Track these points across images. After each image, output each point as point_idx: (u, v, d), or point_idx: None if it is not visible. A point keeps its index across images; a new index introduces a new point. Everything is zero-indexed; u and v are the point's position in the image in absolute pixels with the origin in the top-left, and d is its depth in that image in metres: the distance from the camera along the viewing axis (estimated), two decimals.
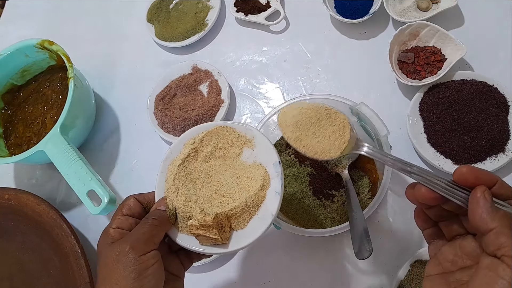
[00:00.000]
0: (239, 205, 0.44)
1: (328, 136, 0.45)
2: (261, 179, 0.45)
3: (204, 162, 0.48)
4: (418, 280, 0.54)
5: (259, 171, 0.46)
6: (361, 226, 0.50)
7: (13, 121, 0.78)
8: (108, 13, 0.92)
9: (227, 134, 0.48)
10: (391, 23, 0.73)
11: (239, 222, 0.44)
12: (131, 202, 0.44)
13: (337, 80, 0.72)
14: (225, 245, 0.44)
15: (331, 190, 0.60)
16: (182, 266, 0.46)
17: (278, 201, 0.44)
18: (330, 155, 0.44)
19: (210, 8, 0.82)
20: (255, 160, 0.47)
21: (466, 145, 0.58)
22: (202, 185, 0.47)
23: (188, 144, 0.48)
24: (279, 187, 0.45)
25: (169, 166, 0.48)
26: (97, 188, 0.62)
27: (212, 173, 0.47)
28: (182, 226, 0.45)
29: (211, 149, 0.48)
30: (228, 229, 0.44)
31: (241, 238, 0.44)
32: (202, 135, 0.48)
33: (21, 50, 0.75)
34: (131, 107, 0.81)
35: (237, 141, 0.48)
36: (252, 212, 0.44)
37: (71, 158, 0.64)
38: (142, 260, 0.38)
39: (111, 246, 0.40)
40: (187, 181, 0.47)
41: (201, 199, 0.45)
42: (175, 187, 0.46)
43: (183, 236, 0.44)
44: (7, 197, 0.70)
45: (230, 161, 0.48)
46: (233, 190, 0.46)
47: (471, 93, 0.61)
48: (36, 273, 0.68)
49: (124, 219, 0.43)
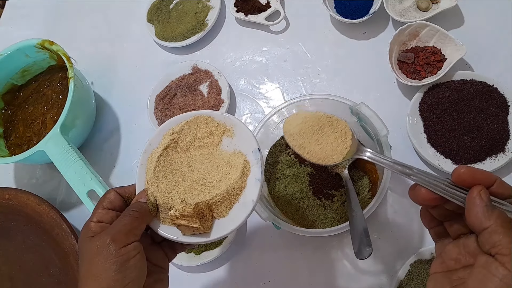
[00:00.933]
0: (220, 194, 0.44)
1: (330, 142, 0.47)
2: (241, 167, 0.45)
3: (183, 152, 0.48)
4: (418, 280, 0.54)
5: (239, 159, 0.46)
6: (361, 226, 0.50)
7: (13, 121, 0.78)
8: (108, 13, 0.92)
9: (206, 124, 0.48)
10: (391, 23, 0.73)
11: (220, 210, 0.44)
12: (112, 195, 0.44)
13: (337, 80, 0.72)
14: (207, 234, 0.44)
15: (331, 190, 0.60)
16: (166, 257, 0.46)
17: (259, 188, 0.44)
18: (333, 160, 0.47)
19: (210, 8, 0.82)
20: (234, 148, 0.47)
21: (466, 145, 0.58)
22: (183, 176, 0.46)
23: (167, 135, 0.48)
24: (259, 173, 0.45)
25: (148, 158, 0.47)
26: (97, 188, 0.62)
27: (192, 163, 0.47)
28: (164, 217, 0.44)
29: (190, 139, 0.48)
30: (210, 217, 0.44)
31: (223, 226, 0.44)
32: (181, 125, 0.48)
33: (22, 50, 0.75)
34: (131, 107, 0.81)
35: (216, 130, 0.48)
36: (233, 200, 0.45)
37: (71, 158, 0.64)
38: (123, 252, 0.38)
39: (92, 240, 0.39)
40: (167, 172, 0.46)
41: (181, 190, 0.45)
42: (155, 179, 0.45)
43: (165, 227, 0.44)
44: (8, 197, 0.70)
45: (210, 151, 0.48)
46: (214, 179, 0.45)
47: (471, 93, 0.61)
48: (36, 273, 0.68)
49: (105, 213, 0.42)
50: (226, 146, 0.47)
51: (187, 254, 0.64)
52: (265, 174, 0.63)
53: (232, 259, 0.64)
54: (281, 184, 0.62)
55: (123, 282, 0.37)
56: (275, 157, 0.64)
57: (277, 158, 0.64)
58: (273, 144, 0.65)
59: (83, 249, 0.40)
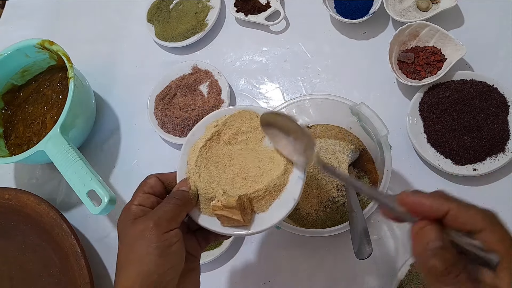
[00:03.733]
0: (261, 188, 0.44)
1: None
2: (283, 164, 0.45)
3: (226, 145, 0.48)
4: (418, 280, 0.54)
5: (281, 156, 0.45)
6: (361, 226, 0.50)
7: (13, 121, 0.78)
8: (108, 13, 0.92)
9: (250, 119, 0.48)
10: (391, 23, 0.73)
11: (261, 205, 0.44)
12: (153, 180, 0.44)
13: (337, 80, 0.72)
14: (247, 227, 0.44)
15: (331, 190, 0.60)
16: (199, 246, 0.46)
17: (301, 186, 0.44)
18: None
19: (210, 8, 0.82)
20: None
21: (466, 145, 0.58)
22: (224, 168, 0.46)
23: (210, 127, 0.48)
24: (302, 172, 0.44)
25: (191, 148, 0.47)
26: (97, 188, 0.62)
27: (234, 157, 0.47)
28: (204, 207, 0.45)
29: (233, 133, 0.48)
30: (250, 211, 0.44)
31: (262, 221, 0.44)
32: (225, 118, 0.48)
33: (21, 50, 0.75)
34: (131, 107, 0.81)
35: (260, 126, 0.47)
36: (274, 196, 0.44)
37: (71, 158, 0.64)
38: (165, 237, 0.38)
39: (134, 223, 0.39)
40: (209, 163, 0.46)
41: (223, 182, 0.45)
42: (197, 169, 0.46)
43: (205, 217, 0.44)
44: (7, 197, 0.70)
45: (252, 145, 0.47)
46: (255, 174, 0.45)
47: (471, 93, 0.61)
48: (36, 273, 0.68)
49: (146, 197, 0.42)
50: (269, 143, 0.47)
51: None
52: None
53: (232, 259, 0.64)
54: None
55: (164, 267, 0.37)
56: None
57: None
58: None
59: (123, 232, 0.40)
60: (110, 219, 0.72)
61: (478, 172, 0.58)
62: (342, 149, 0.61)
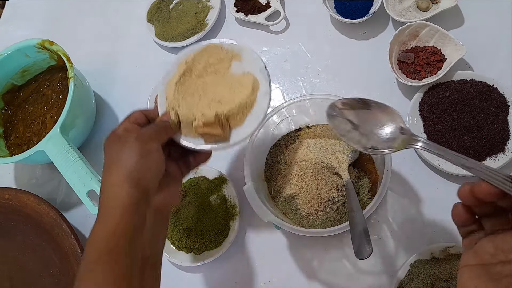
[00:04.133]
0: (234, 107, 0.50)
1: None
2: (251, 84, 0.51)
3: (198, 78, 0.53)
4: (418, 280, 0.54)
5: (248, 78, 0.52)
6: (361, 226, 0.50)
7: (13, 121, 0.78)
8: (108, 13, 0.92)
9: (216, 52, 0.54)
10: (391, 23, 0.73)
11: (236, 121, 0.51)
12: (138, 113, 0.49)
13: (337, 80, 0.72)
14: (227, 141, 0.51)
15: (331, 190, 0.60)
16: (180, 171, 0.51)
17: (268, 99, 0.51)
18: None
19: (210, 8, 0.82)
20: (243, 70, 0.53)
21: (466, 145, 0.58)
22: (200, 97, 0.52)
23: (181, 65, 0.54)
24: (267, 87, 0.51)
25: (166, 85, 0.53)
26: (97, 188, 0.62)
27: (207, 87, 0.53)
28: (186, 131, 0.51)
29: (203, 66, 0.54)
30: (228, 127, 0.51)
31: (239, 133, 0.50)
32: (193, 55, 0.54)
33: (21, 50, 0.75)
34: (131, 107, 0.79)
35: (226, 56, 0.54)
36: (246, 111, 0.51)
37: (71, 158, 0.64)
38: (146, 147, 0.44)
39: (119, 139, 0.45)
40: (186, 95, 0.52)
41: (200, 108, 0.51)
42: (176, 101, 0.51)
43: (187, 139, 0.51)
44: (7, 197, 0.70)
45: (221, 75, 0.53)
46: (228, 96, 0.51)
47: (471, 93, 0.61)
48: (36, 273, 0.68)
49: (131, 126, 0.47)
50: (236, 69, 0.53)
51: (187, 254, 0.64)
52: (264, 174, 0.64)
53: (232, 259, 0.64)
54: (281, 184, 0.62)
55: (144, 167, 0.43)
56: (275, 157, 0.64)
57: (277, 158, 0.64)
58: (273, 144, 0.65)
59: (109, 147, 0.45)
60: None
61: None
62: (342, 149, 0.61)
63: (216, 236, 0.63)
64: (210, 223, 0.64)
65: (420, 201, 0.61)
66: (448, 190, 0.60)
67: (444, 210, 0.59)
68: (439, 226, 0.59)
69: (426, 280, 0.53)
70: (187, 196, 0.67)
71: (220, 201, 0.66)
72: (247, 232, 0.65)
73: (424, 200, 0.60)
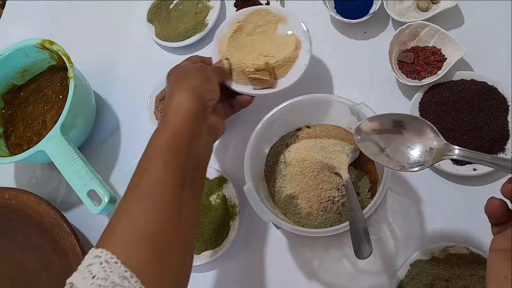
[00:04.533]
0: (280, 59, 0.60)
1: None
2: (294, 43, 0.62)
3: (248, 36, 0.65)
4: (418, 280, 0.54)
5: (292, 38, 0.63)
6: (361, 226, 0.50)
7: (13, 121, 0.78)
8: (108, 13, 0.92)
9: (264, 15, 0.65)
10: (391, 23, 0.73)
11: (281, 72, 0.61)
12: (196, 57, 0.60)
13: (337, 80, 0.72)
14: (273, 88, 0.60)
15: (331, 190, 0.60)
16: (225, 111, 0.60)
17: (309, 56, 0.61)
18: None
19: (210, 8, 0.82)
20: (288, 31, 0.64)
21: (466, 145, 0.58)
22: (249, 51, 0.63)
23: (234, 24, 0.65)
24: (308, 46, 0.62)
25: (219, 41, 0.65)
26: (98, 188, 0.62)
27: (255, 43, 0.64)
28: (237, 78, 0.61)
29: (253, 26, 0.65)
30: (274, 76, 0.61)
31: (284, 82, 0.60)
32: (245, 16, 0.66)
33: (22, 50, 0.75)
34: (131, 107, 0.81)
35: (273, 19, 0.65)
36: (290, 65, 0.61)
37: (72, 158, 0.64)
38: (208, 74, 0.53)
39: (184, 68, 0.54)
40: (237, 48, 0.63)
41: (250, 59, 0.61)
42: (229, 52, 0.62)
43: (238, 85, 0.61)
44: (8, 196, 0.70)
45: (268, 34, 0.64)
46: (274, 51, 0.62)
47: (471, 93, 0.61)
48: (36, 273, 0.68)
49: (190, 62, 0.58)
50: (281, 31, 0.64)
51: None
52: (264, 173, 0.64)
53: (232, 259, 0.64)
54: (281, 184, 0.62)
55: (206, 87, 0.51)
56: (275, 157, 0.64)
57: (277, 158, 0.64)
58: (273, 144, 0.65)
59: (173, 73, 0.55)
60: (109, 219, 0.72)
61: (478, 172, 0.58)
62: (342, 149, 0.61)
63: (216, 236, 0.63)
64: (210, 223, 0.64)
65: (420, 201, 0.61)
66: (448, 190, 0.60)
67: (444, 210, 0.59)
68: (439, 226, 0.59)
69: (426, 280, 0.53)
70: None
71: (220, 201, 0.66)
72: (247, 232, 0.65)
73: (424, 200, 0.61)
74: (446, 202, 0.60)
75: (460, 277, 0.53)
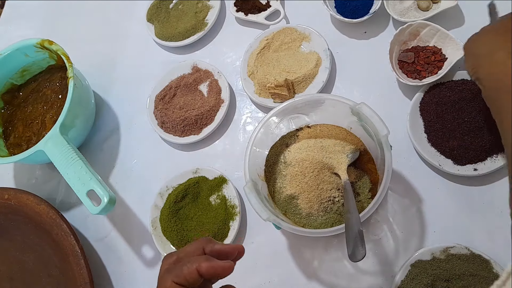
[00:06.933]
0: (300, 76, 0.68)
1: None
2: (315, 60, 0.69)
3: (274, 52, 0.73)
4: (418, 280, 0.54)
5: (313, 55, 0.70)
6: (356, 228, 0.49)
7: (12, 121, 0.78)
8: (108, 13, 0.92)
9: (290, 33, 0.73)
10: (391, 22, 0.73)
11: (300, 88, 0.68)
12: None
13: (337, 80, 0.72)
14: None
15: (331, 190, 0.60)
16: None
17: (328, 73, 0.68)
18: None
19: (210, 8, 0.82)
20: (310, 49, 0.72)
21: (467, 145, 0.58)
22: (274, 67, 0.71)
23: (263, 40, 0.74)
24: (328, 64, 0.68)
25: (249, 56, 0.73)
26: (97, 188, 0.62)
27: (280, 59, 0.72)
28: (260, 91, 0.70)
29: (279, 44, 0.73)
30: (293, 91, 0.68)
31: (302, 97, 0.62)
32: (273, 34, 0.74)
33: (21, 50, 0.75)
34: (131, 107, 0.80)
35: (298, 37, 0.73)
36: (309, 81, 0.68)
37: (71, 158, 0.64)
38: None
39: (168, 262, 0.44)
40: (263, 64, 0.72)
41: (273, 74, 0.69)
42: (255, 68, 0.72)
43: (260, 99, 0.70)
44: (7, 197, 0.70)
45: (293, 51, 0.72)
46: (296, 68, 0.69)
47: (471, 93, 0.60)
48: (36, 273, 0.68)
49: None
50: (305, 48, 0.72)
51: None
52: (264, 173, 0.64)
53: None
54: (281, 184, 0.62)
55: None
56: (275, 157, 0.64)
57: (277, 158, 0.64)
58: (273, 144, 0.65)
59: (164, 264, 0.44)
60: (109, 219, 0.72)
61: (479, 172, 0.58)
62: (342, 149, 0.61)
63: (216, 236, 0.63)
64: (210, 223, 0.64)
65: (420, 201, 0.60)
66: (448, 190, 0.60)
67: (445, 210, 0.59)
68: (440, 226, 0.58)
69: (427, 280, 0.53)
70: (187, 196, 0.67)
71: (220, 201, 0.66)
72: (247, 232, 0.65)
73: (424, 200, 0.60)
74: (447, 202, 0.60)
75: (461, 278, 0.53)
